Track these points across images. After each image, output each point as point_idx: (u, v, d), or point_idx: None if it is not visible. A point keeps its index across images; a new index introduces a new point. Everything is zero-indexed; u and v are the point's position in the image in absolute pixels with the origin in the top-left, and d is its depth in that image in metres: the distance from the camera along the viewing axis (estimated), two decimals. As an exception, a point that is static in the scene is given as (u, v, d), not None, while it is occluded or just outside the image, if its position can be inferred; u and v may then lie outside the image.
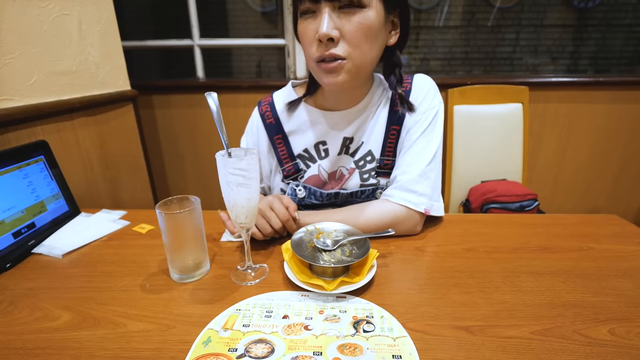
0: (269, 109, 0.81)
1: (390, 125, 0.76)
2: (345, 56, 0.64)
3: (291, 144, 0.80)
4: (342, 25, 0.62)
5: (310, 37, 0.65)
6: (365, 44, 0.64)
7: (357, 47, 0.64)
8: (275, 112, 0.81)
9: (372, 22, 0.63)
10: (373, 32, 0.64)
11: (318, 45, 0.64)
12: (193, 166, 1.96)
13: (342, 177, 0.80)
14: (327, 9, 0.62)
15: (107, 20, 1.31)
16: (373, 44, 0.66)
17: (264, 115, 0.82)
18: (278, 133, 0.80)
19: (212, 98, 0.55)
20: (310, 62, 0.68)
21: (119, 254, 0.68)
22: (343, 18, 0.62)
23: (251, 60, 2.92)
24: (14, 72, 0.99)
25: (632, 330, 0.47)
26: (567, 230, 0.74)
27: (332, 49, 0.63)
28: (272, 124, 0.81)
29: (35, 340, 0.46)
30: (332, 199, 0.80)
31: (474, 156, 1.59)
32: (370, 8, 0.62)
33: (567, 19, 2.53)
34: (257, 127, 0.83)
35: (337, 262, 0.56)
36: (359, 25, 0.62)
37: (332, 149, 0.79)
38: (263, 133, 0.82)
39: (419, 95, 0.77)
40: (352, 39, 0.63)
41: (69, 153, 1.18)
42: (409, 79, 0.78)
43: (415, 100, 0.76)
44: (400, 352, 0.43)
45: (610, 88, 1.72)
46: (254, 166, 0.53)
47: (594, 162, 1.86)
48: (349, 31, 0.63)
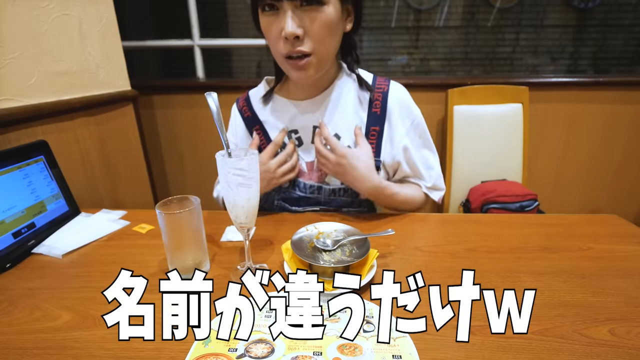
0: (245, 103, 0.86)
1: (369, 127, 0.79)
2: (311, 52, 0.68)
3: (268, 133, 0.83)
4: (304, 23, 0.65)
5: (275, 34, 0.67)
6: (328, 38, 0.68)
7: (321, 42, 0.67)
8: (251, 106, 0.85)
9: (332, 17, 0.66)
10: (334, 26, 0.67)
11: (284, 42, 0.67)
12: (193, 166, 1.96)
13: (320, 167, 0.82)
14: (290, 7, 0.64)
15: (107, 20, 1.31)
16: (334, 37, 0.70)
17: (242, 110, 0.86)
18: (255, 124, 0.84)
19: (212, 98, 0.55)
20: (278, 56, 0.71)
21: (119, 254, 0.68)
22: (305, 16, 0.65)
23: (251, 60, 2.92)
24: (14, 72, 0.99)
25: (632, 330, 0.47)
26: (567, 230, 0.74)
27: (299, 46, 0.67)
28: (249, 117, 0.84)
29: (35, 340, 0.46)
30: (315, 192, 0.82)
31: (473, 156, 1.59)
32: (330, 4, 0.65)
33: (567, 19, 2.53)
34: (235, 121, 0.87)
35: (337, 262, 0.56)
36: (321, 23, 0.65)
37: (305, 137, 0.82)
38: (242, 126, 0.85)
39: (407, 105, 0.82)
40: (315, 35, 0.66)
41: (69, 153, 1.18)
42: (386, 82, 0.82)
43: (401, 106, 0.81)
44: (400, 352, 0.43)
45: (610, 88, 1.72)
46: (254, 166, 0.53)
47: (594, 162, 1.86)
48: (313, 29, 0.66)
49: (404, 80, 0.86)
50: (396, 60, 2.64)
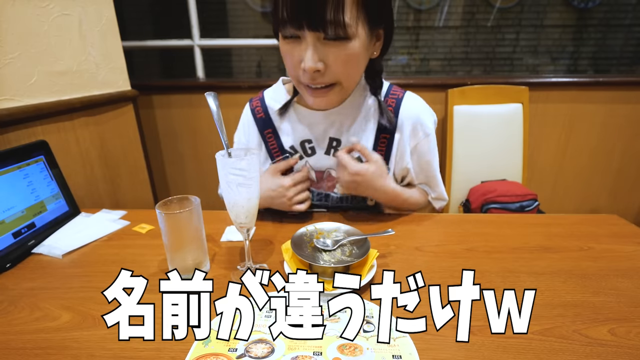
0: (259, 104, 0.83)
1: (379, 134, 0.77)
2: (333, 82, 0.65)
3: (281, 139, 0.81)
4: (327, 56, 0.61)
5: (295, 62, 0.64)
6: (352, 71, 0.65)
7: (343, 74, 0.65)
8: (266, 107, 0.82)
9: (357, 51, 0.62)
10: (359, 59, 0.64)
11: (303, 73, 0.63)
12: (193, 166, 1.96)
13: (331, 178, 0.81)
14: (312, 39, 0.60)
15: (107, 20, 1.31)
16: (359, 68, 0.67)
17: (254, 110, 0.83)
18: (268, 127, 0.81)
19: (212, 98, 0.55)
20: (296, 81, 0.68)
21: (119, 254, 0.68)
22: (328, 49, 0.61)
23: (251, 60, 2.92)
24: (14, 72, 0.99)
25: (632, 330, 0.47)
26: (567, 230, 0.74)
27: (319, 78, 0.63)
28: (262, 118, 0.82)
29: (35, 340, 0.46)
30: (322, 199, 0.81)
31: (473, 156, 1.59)
32: (356, 38, 0.60)
33: (567, 19, 2.53)
34: (247, 122, 0.84)
35: (337, 262, 0.56)
36: (345, 58, 0.62)
37: (319, 148, 0.80)
38: (254, 127, 0.83)
39: (421, 119, 0.78)
40: (337, 69, 0.63)
41: (69, 153, 1.18)
42: (401, 91, 0.79)
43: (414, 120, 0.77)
44: (400, 352, 0.43)
45: (610, 88, 1.72)
46: (254, 166, 0.53)
47: (594, 162, 1.86)
48: (335, 62, 0.62)
49: (404, 80, 0.86)
50: (396, 61, 2.64)
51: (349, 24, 0.58)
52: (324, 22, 0.57)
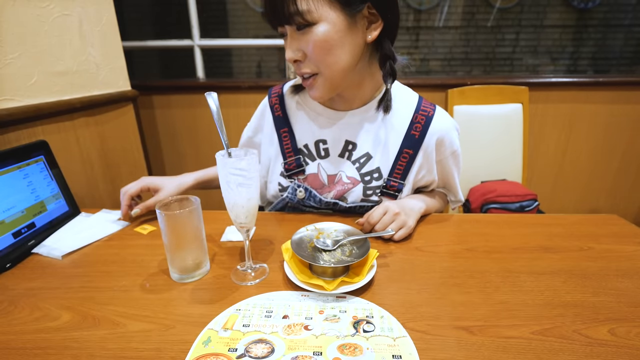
0: (278, 101, 0.83)
1: (403, 148, 0.77)
2: (314, 72, 0.68)
3: (296, 139, 0.81)
4: (303, 46, 0.65)
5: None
6: (328, 57, 0.65)
7: (321, 62, 0.66)
8: (284, 105, 0.83)
9: (326, 35, 0.63)
10: (332, 43, 0.64)
11: (293, 64, 0.69)
12: (193, 166, 1.95)
13: (342, 182, 0.79)
14: (290, 32, 0.65)
15: (107, 20, 1.31)
16: (338, 53, 0.65)
17: (273, 107, 0.84)
18: (285, 126, 0.82)
19: (212, 98, 0.55)
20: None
21: (119, 254, 0.68)
22: (302, 38, 0.65)
23: (251, 61, 2.92)
24: (14, 72, 0.99)
25: (632, 330, 0.47)
26: (567, 230, 0.74)
27: (303, 68, 0.68)
28: (279, 117, 0.82)
29: (35, 340, 0.46)
30: (330, 207, 0.81)
31: (473, 156, 1.59)
32: (321, 22, 0.62)
33: (567, 19, 2.53)
34: (263, 114, 0.86)
35: (337, 262, 0.56)
36: (314, 43, 0.64)
37: (333, 149, 0.79)
38: (270, 123, 0.84)
39: (451, 138, 0.78)
40: (312, 56, 0.66)
41: (69, 153, 1.18)
42: (432, 107, 0.78)
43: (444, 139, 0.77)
44: (400, 352, 0.43)
45: (610, 88, 1.72)
46: (254, 166, 0.53)
47: (594, 162, 1.86)
48: (309, 50, 0.65)
49: (404, 81, 0.85)
50: (396, 61, 2.64)
51: (307, 10, 0.61)
52: (286, 15, 0.62)
